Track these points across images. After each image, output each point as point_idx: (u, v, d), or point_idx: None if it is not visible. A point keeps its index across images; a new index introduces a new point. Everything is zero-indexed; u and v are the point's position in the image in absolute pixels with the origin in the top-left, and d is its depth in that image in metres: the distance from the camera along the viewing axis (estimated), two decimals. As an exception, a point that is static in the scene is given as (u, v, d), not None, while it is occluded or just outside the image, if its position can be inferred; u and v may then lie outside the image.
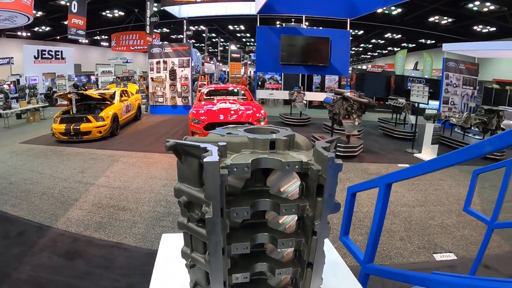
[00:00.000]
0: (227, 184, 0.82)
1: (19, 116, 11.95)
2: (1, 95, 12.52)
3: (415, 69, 23.33)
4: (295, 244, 0.94)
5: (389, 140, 9.56)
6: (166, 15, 15.73)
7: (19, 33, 20.44)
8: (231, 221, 0.88)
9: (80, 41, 17.72)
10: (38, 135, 9.10)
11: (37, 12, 15.55)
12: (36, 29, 21.03)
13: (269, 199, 0.91)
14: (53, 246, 3.47)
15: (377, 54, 35.73)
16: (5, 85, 14.54)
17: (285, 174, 0.91)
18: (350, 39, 12.37)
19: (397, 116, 10.43)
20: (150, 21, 15.81)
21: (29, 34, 21.44)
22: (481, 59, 12.37)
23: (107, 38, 25.80)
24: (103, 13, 19.51)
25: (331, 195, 0.84)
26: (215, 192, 0.78)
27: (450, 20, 17.50)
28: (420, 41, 24.09)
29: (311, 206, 0.89)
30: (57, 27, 20.74)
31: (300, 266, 0.98)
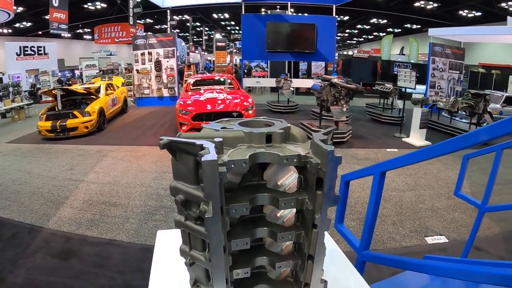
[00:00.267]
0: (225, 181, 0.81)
1: (3, 115, 11.65)
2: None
3: (401, 54, 23.41)
4: (294, 237, 0.93)
5: (377, 125, 9.66)
6: (149, 5, 15.36)
7: (-1, 30, 19.80)
8: (230, 217, 0.87)
9: (62, 35, 17.21)
10: (24, 134, 8.90)
11: (17, 7, 15.01)
12: (17, 25, 20.34)
13: (267, 194, 0.90)
14: (46, 247, 3.43)
15: (363, 39, 35.72)
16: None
17: (282, 167, 0.90)
18: (336, 25, 12.32)
19: (384, 101, 10.50)
20: (133, 12, 15.39)
21: (10, 30, 20.74)
22: (467, 43, 12.51)
23: (90, 31, 25.19)
24: (85, 6, 18.98)
25: (331, 188, 0.83)
26: (215, 190, 0.76)
27: (435, 5, 17.56)
28: (406, 26, 24.15)
29: (311, 199, 0.88)
30: (39, 22, 20.09)
31: (300, 258, 0.98)
